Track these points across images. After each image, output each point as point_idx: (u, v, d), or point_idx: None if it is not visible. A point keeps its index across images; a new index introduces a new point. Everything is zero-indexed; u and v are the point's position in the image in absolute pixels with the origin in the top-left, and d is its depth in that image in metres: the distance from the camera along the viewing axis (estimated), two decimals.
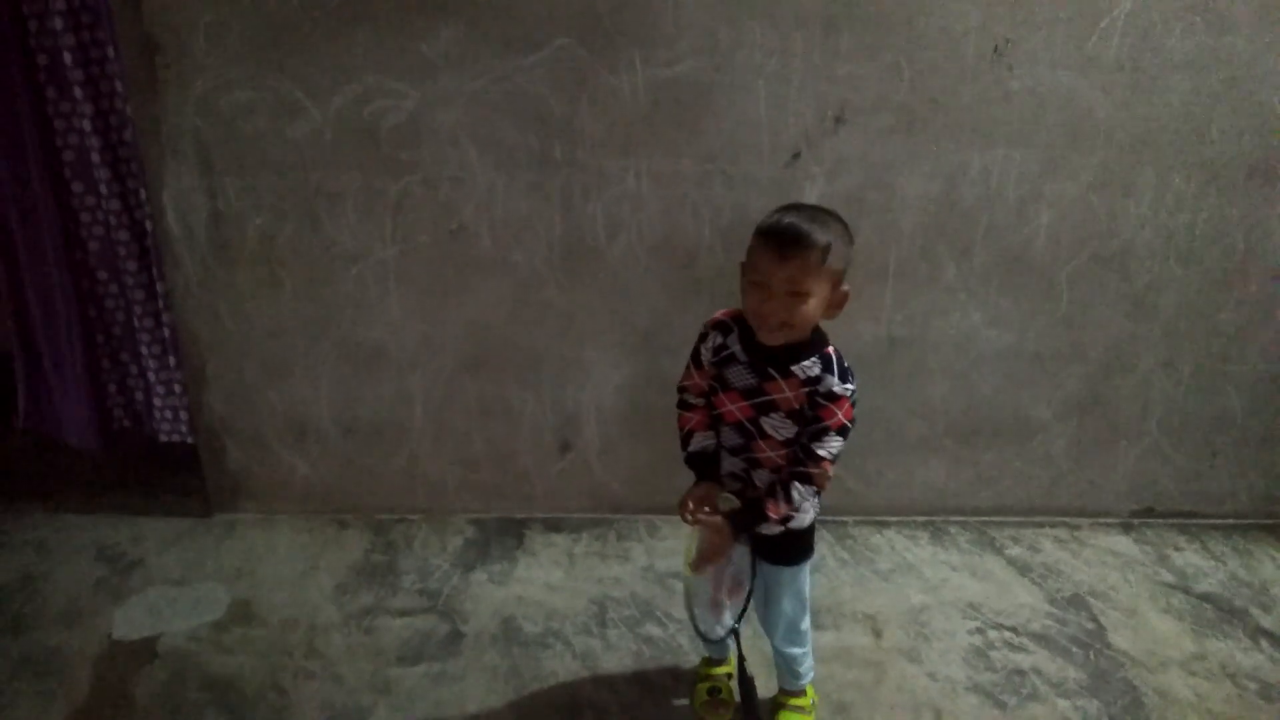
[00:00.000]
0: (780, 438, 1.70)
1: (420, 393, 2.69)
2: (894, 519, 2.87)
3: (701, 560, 1.72)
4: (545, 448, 2.78)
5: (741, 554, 1.78)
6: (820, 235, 1.55)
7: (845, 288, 1.63)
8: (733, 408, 1.74)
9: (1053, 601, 2.51)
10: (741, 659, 1.87)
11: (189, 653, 2.25)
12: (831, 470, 1.70)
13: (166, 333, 2.75)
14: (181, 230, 2.48)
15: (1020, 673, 2.23)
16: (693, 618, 1.81)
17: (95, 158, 2.56)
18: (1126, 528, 2.88)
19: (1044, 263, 2.55)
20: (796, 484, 1.69)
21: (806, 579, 1.90)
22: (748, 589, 1.80)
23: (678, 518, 2.76)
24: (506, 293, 2.57)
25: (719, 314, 1.79)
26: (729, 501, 1.74)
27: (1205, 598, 2.54)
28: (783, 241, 1.56)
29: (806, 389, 1.65)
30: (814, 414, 1.66)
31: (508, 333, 2.62)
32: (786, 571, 1.87)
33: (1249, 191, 2.49)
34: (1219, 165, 2.46)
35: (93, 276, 2.76)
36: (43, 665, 2.19)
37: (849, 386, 1.65)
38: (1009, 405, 2.74)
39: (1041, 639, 2.36)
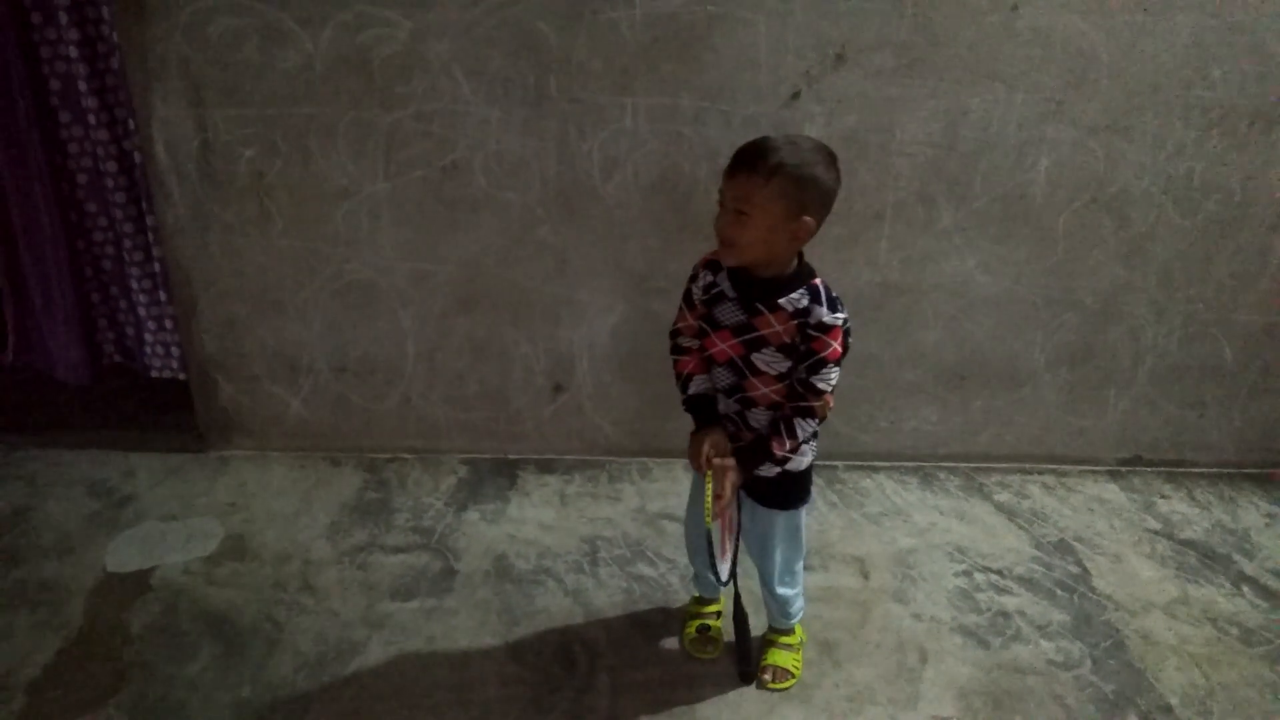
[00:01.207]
0: (773, 373, 1.70)
1: (413, 331, 2.68)
2: (884, 464, 2.89)
3: (720, 505, 1.69)
4: (538, 389, 2.78)
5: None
6: (773, 157, 1.52)
7: (807, 219, 1.58)
8: (724, 346, 1.73)
9: (1039, 546, 2.54)
10: (738, 597, 1.89)
11: (183, 586, 2.26)
12: (831, 402, 1.70)
13: (157, 267, 2.72)
14: (171, 162, 2.44)
15: (1005, 615, 2.27)
16: (713, 564, 1.74)
17: (83, 86, 2.51)
18: (1114, 475, 2.91)
19: (1041, 208, 2.54)
20: (798, 419, 1.69)
21: (803, 523, 1.92)
22: (738, 530, 1.81)
23: (669, 460, 2.79)
24: (500, 231, 2.55)
25: (709, 253, 1.76)
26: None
27: (1189, 544, 2.58)
28: (736, 158, 1.57)
29: (796, 321, 1.64)
30: (807, 347, 1.64)
31: (501, 272, 2.60)
32: (782, 516, 1.87)
33: (1250, 139, 2.47)
34: (1221, 112, 2.43)
35: (81, 209, 2.72)
36: (37, 597, 2.20)
37: (839, 315, 1.64)
38: (1001, 352, 2.75)
39: (1027, 582, 2.39)
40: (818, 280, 1.67)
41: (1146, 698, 2.02)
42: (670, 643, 2.13)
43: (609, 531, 2.53)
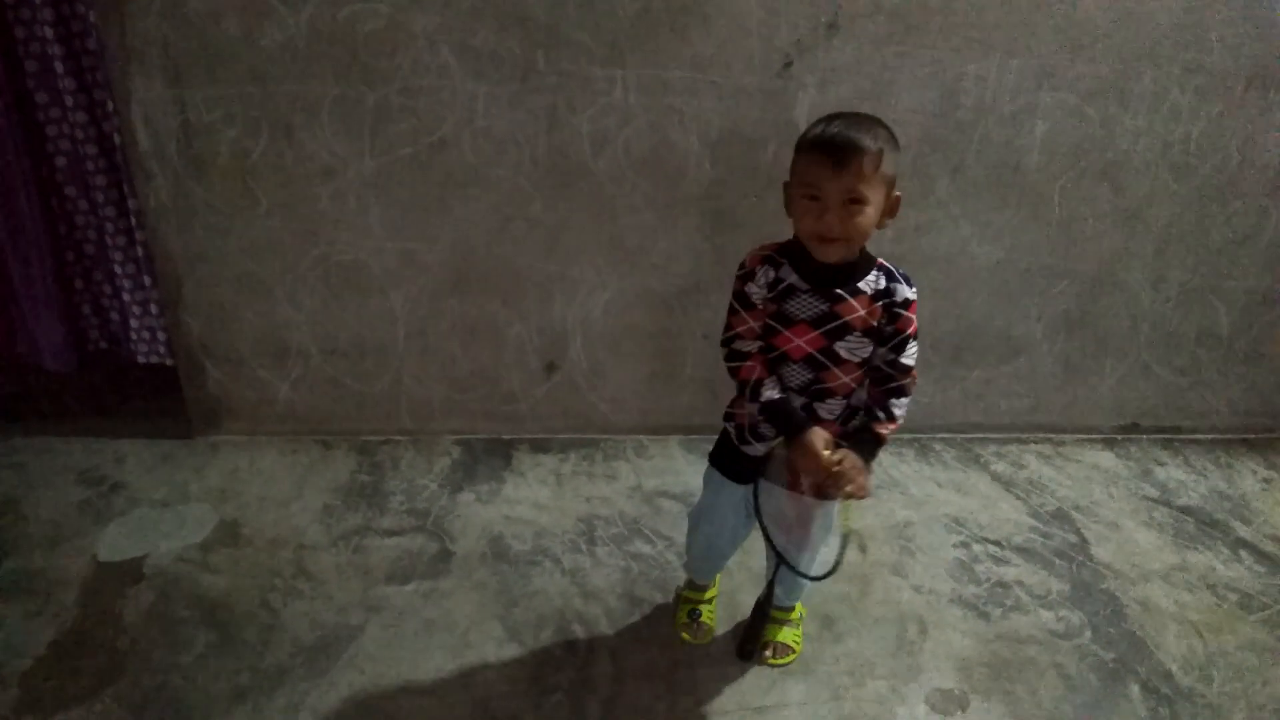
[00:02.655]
0: (856, 360, 1.63)
1: (403, 312, 2.65)
2: None
3: (853, 493, 1.61)
4: (531, 368, 2.75)
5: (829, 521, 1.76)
6: (872, 140, 1.48)
7: (898, 193, 1.56)
8: (800, 342, 1.62)
9: (1036, 516, 2.53)
10: (771, 581, 1.80)
11: (176, 573, 2.23)
12: (916, 377, 1.67)
13: (140, 251, 2.67)
14: (151, 144, 2.39)
15: (1004, 585, 2.26)
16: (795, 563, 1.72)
17: (59, 66, 2.45)
18: (1110, 443, 2.90)
19: (1037, 176, 2.51)
20: (893, 399, 1.65)
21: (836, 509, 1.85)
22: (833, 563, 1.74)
23: (664, 438, 2.77)
24: (489, 209, 2.51)
25: (758, 251, 1.67)
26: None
27: (1187, 511, 2.58)
28: (836, 150, 1.48)
29: (880, 303, 1.60)
30: (893, 327, 1.61)
31: (491, 251, 2.57)
32: (831, 504, 1.78)
33: (1246, 102, 2.45)
34: (1218, 75, 2.41)
35: (61, 193, 2.67)
36: (28, 587, 2.18)
37: (914, 290, 1.63)
38: (997, 322, 2.73)
39: (1025, 552, 2.38)
40: (881, 260, 1.64)
41: (1147, 665, 2.02)
42: (670, 620, 2.12)
43: (605, 510, 2.51)
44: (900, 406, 1.66)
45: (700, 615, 2.10)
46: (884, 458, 2.76)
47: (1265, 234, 2.63)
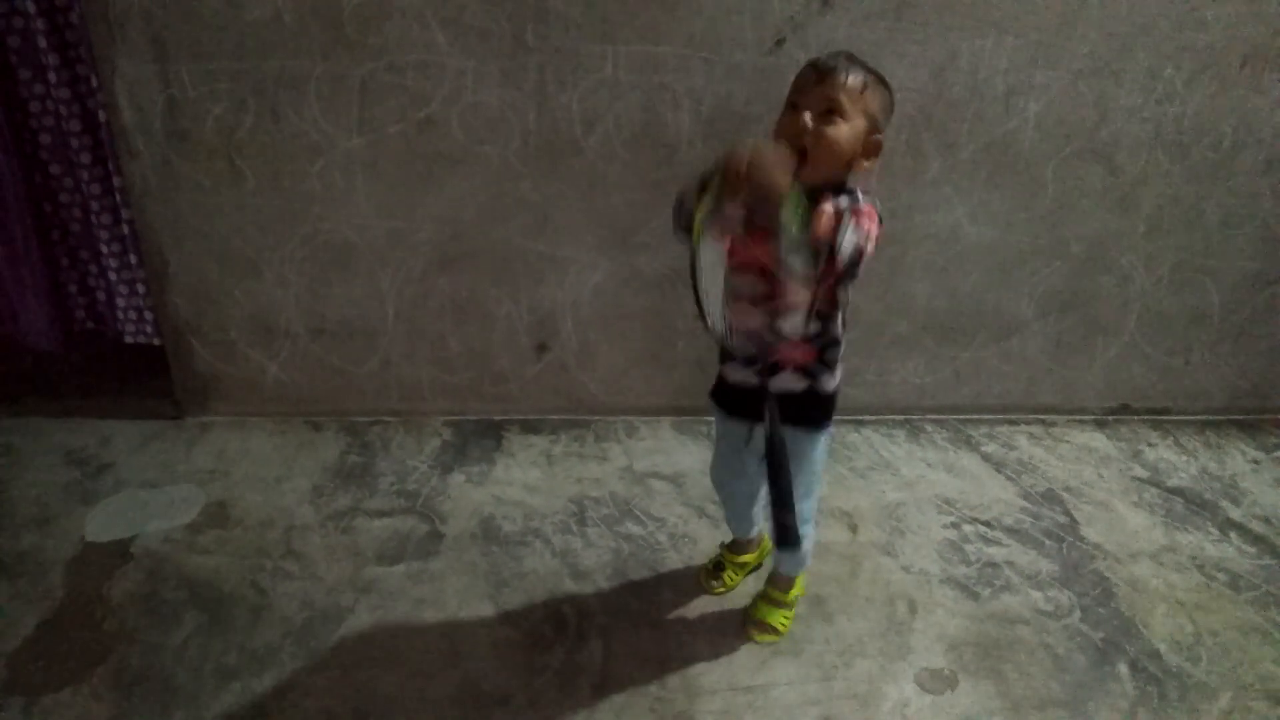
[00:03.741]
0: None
1: (391, 292, 2.63)
2: (871, 417, 2.88)
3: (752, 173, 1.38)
4: (521, 349, 2.74)
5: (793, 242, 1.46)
6: (860, 69, 1.53)
7: (879, 136, 1.57)
8: (757, 250, 1.52)
9: (1027, 497, 2.54)
10: (774, 423, 1.71)
11: (164, 554, 2.22)
12: (854, 225, 1.44)
13: (126, 229, 2.65)
14: (136, 120, 2.36)
15: (994, 565, 2.27)
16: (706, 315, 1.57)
17: (42, 42, 2.42)
18: (1101, 424, 2.91)
19: (1030, 155, 2.50)
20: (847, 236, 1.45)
21: (823, 451, 1.84)
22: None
23: (655, 419, 2.76)
24: (478, 187, 2.49)
25: None
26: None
27: (1177, 492, 2.58)
28: (822, 64, 1.54)
29: (837, 222, 1.45)
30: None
31: (481, 230, 2.55)
32: (806, 436, 1.78)
33: (1240, 82, 2.44)
34: (1213, 53, 2.40)
35: (45, 170, 2.64)
36: (15, 568, 2.16)
37: (875, 205, 1.51)
38: (989, 302, 2.72)
39: (1015, 533, 2.39)
40: (860, 189, 1.57)
41: (1135, 645, 2.03)
42: (661, 602, 2.12)
43: (596, 491, 2.50)
44: (847, 224, 1.44)
45: (723, 570, 2.15)
46: (874, 438, 2.77)
47: (1258, 215, 2.62)
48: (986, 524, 2.41)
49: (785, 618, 2.05)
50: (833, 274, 1.45)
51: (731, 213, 1.43)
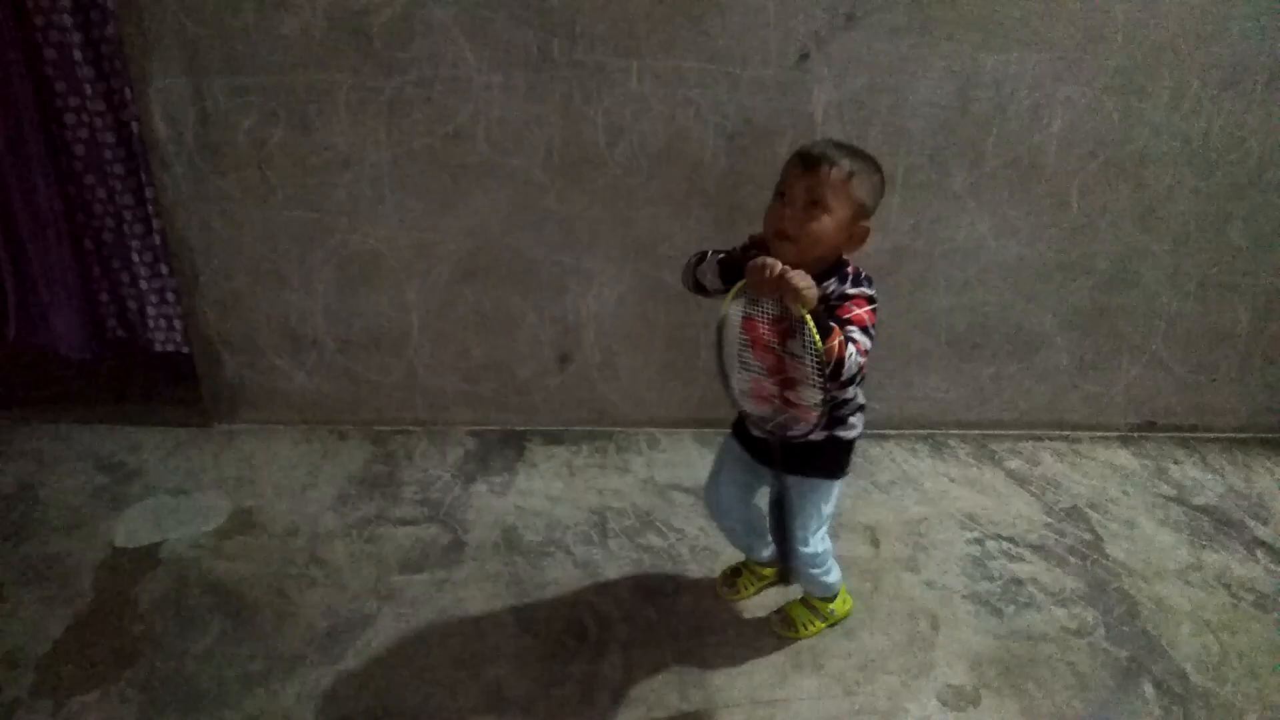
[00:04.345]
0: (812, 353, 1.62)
1: (417, 303, 2.65)
2: (894, 432, 2.87)
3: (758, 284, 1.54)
4: (545, 360, 2.76)
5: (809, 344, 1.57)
6: (848, 161, 1.58)
7: (867, 224, 1.63)
8: (763, 331, 1.66)
9: (1051, 513, 2.52)
10: (781, 485, 1.75)
11: (192, 560, 2.25)
12: (854, 352, 1.53)
13: (157, 239, 2.69)
14: (169, 132, 2.40)
15: (1017, 582, 2.25)
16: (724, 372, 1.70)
17: (78, 55, 2.46)
18: (1126, 441, 2.88)
19: (1055, 171, 2.50)
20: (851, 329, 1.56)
21: (836, 498, 1.88)
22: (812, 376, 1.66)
23: (677, 430, 2.77)
24: (504, 200, 2.51)
25: (760, 237, 1.69)
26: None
27: (1203, 510, 2.56)
28: (809, 154, 1.59)
29: (825, 306, 1.59)
30: (830, 316, 1.56)
31: (506, 242, 2.57)
32: (823, 485, 1.83)
33: (1267, 97, 2.42)
34: (1238, 69, 2.39)
35: (79, 181, 2.69)
36: (45, 572, 2.20)
37: (865, 290, 1.64)
38: (1014, 318, 2.71)
39: (1039, 549, 2.37)
40: (851, 267, 1.67)
41: (1160, 664, 2.01)
42: (682, 613, 2.12)
43: (617, 502, 2.51)
44: (857, 338, 1.55)
45: (739, 576, 2.18)
46: (897, 453, 2.76)
47: None
48: (1010, 540, 2.40)
49: (811, 622, 2.05)
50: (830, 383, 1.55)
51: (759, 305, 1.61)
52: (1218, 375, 2.83)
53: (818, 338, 1.48)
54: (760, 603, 2.15)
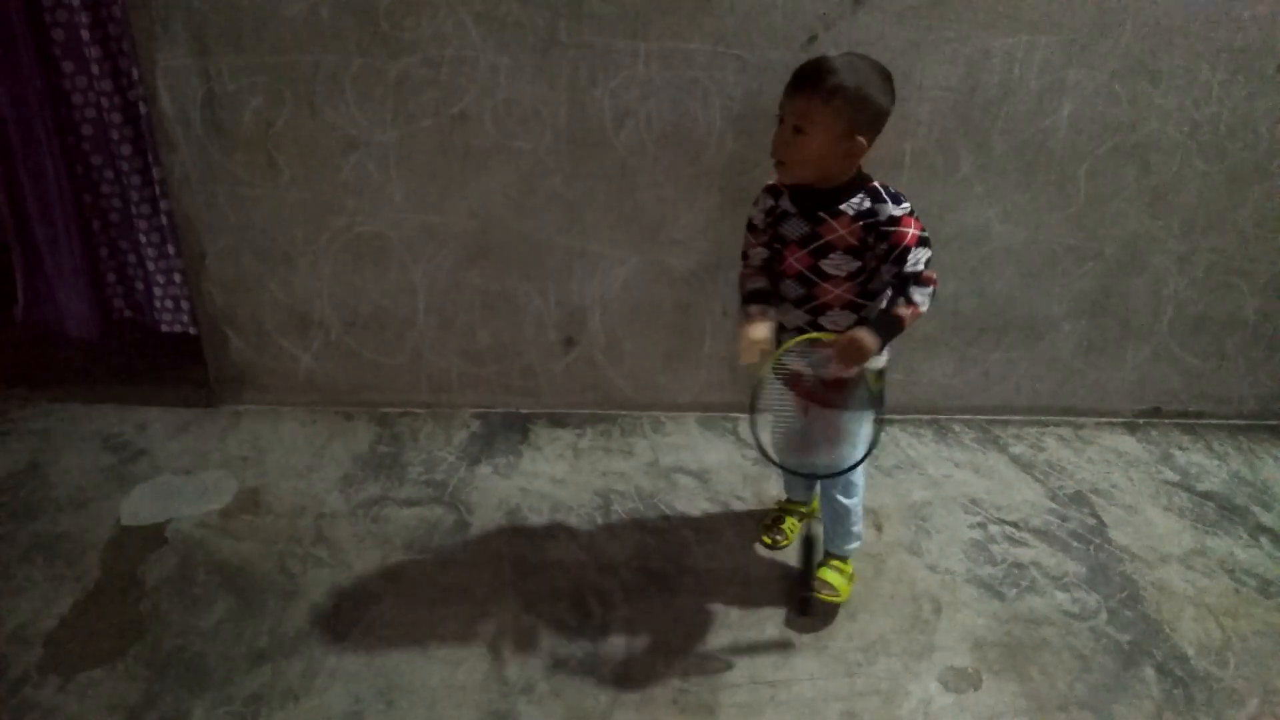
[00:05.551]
0: (843, 274, 1.74)
1: (423, 285, 2.66)
2: (898, 416, 2.87)
3: (844, 361, 1.71)
4: (549, 343, 2.76)
5: (862, 401, 1.80)
6: (833, 78, 1.58)
7: (861, 139, 1.64)
8: (792, 260, 1.78)
9: (1054, 498, 2.52)
10: (810, 518, 1.96)
11: (198, 539, 2.26)
12: (935, 277, 1.71)
13: (164, 220, 2.70)
14: (176, 113, 2.40)
15: (1020, 566, 2.26)
16: (763, 447, 1.82)
17: (85, 35, 2.47)
18: (1131, 427, 2.88)
19: (1063, 155, 2.48)
20: (913, 285, 1.69)
21: (870, 427, 1.89)
22: (873, 437, 1.82)
23: (681, 414, 2.78)
24: (510, 182, 2.51)
25: (768, 183, 1.85)
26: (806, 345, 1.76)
27: (1207, 496, 2.55)
28: (797, 75, 1.63)
29: (861, 223, 1.69)
30: (886, 245, 1.68)
31: (511, 224, 2.57)
32: (859, 416, 1.88)
33: (1277, 83, 2.41)
34: (1249, 54, 2.37)
35: (87, 161, 2.69)
36: (52, 550, 2.21)
37: (905, 205, 1.69)
38: (1020, 303, 2.71)
39: (1042, 534, 2.37)
40: (875, 183, 1.72)
41: (1163, 648, 2.01)
42: (685, 595, 2.13)
43: (621, 485, 2.52)
44: (919, 294, 1.70)
45: (782, 522, 2.25)
46: (901, 437, 2.76)
47: None
48: (1013, 525, 2.40)
49: (846, 584, 2.08)
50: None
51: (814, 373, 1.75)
52: (1224, 361, 2.82)
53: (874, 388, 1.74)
54: (764, 584, 2.15)
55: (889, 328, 1.70)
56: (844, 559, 2.12)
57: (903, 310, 1.70)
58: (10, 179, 2.64)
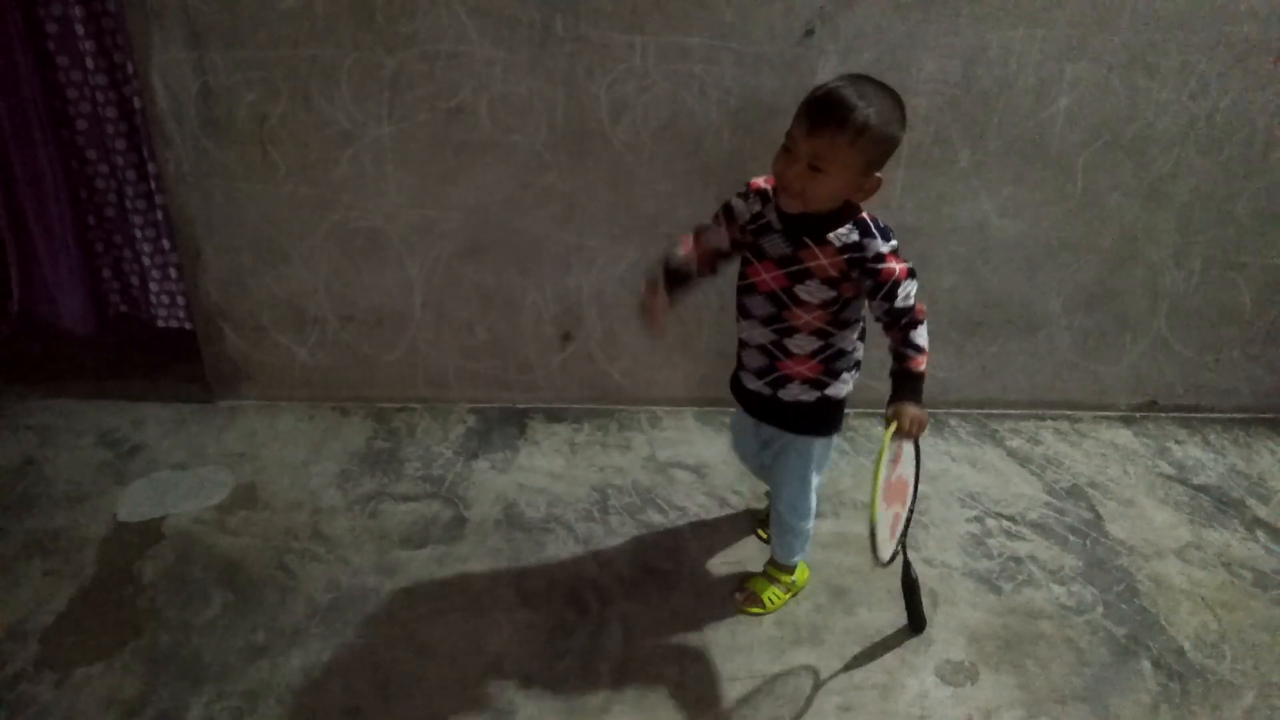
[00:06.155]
0: (816, 301, 1.69)
1: (419, 280, 2.65)
2: None
3: (913, 437, 1.76)
4: (546, 337, 2.76)
5: (907, 456, 1.79)
6: (859, 117, 1.50)
7: (878, 175, 1.61)
8: (766, 277, 1.72)
9: (1051, 492, 2.52)
10: (906, 562, 1.94)
11: (195, 534, 2.26)
12: (923, 309, 1.70)
13: (160, 215, 2.69)
14: (171, 107, 2.39)
15: (1017, 560, 2.26)
16: (874, 543, 1.72)
17: (79, 29, 2.45)
18: (1128, 421, 2.88)
19: (1060, 149, 2.48)
20: (911, 330, 1.68)
21: (827, 455, 1.94)
22: (912, 490, 1.84)
23: (679, 409, 2.77)
24: (507, 177, 2.50)
25: (761, 179, 1.75)
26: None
27: (1203, 489, 2.56)
28: (817, 113, 1.53)
29: (845, 256, 1.64)
30: (872, 281, 1.65)
31: (508, 219, 2.56)
32: (815, 442, 1.89)
33: (1274, 76, 2.40)
34: (1246, 48, 2.36)
35: (82, 157, 2.68)
36: (49, 546, 2.21)
37: (893, 242, 1.65)
38: (1017, 297, 2.71)
39: (1039, 528, 2.38)
40: (864, 215, 1.67)
41: (1159, 641, 2.02)
42: (682, 589, 2.13)
43: (619, 480, 2.52)
44: (920, 336, 1.70)
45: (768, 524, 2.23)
46: None
47: None
48: (1010, 518, 2.41)
49: (776, 595, 2.07)
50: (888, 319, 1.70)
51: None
52: (1220, 355, 2.82)
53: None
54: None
55: (916, 383, 1.70)
56: (788, 570, 2.09)
57: (917, 361, 1.69)
58: (5, 175, 2.63)
